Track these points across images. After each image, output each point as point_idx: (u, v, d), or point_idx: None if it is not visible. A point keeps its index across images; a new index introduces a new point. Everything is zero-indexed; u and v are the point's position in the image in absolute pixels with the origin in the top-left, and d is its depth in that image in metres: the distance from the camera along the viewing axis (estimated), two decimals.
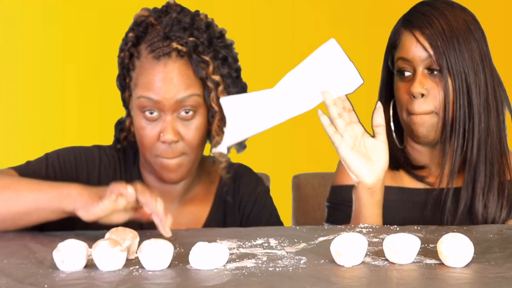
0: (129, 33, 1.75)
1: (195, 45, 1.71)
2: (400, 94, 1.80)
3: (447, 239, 1.29)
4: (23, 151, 3.47)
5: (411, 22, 1.80)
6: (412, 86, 1.76)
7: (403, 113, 1.80)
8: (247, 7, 3.57)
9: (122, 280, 1.23)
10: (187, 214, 1.83)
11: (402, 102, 1.80)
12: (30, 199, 1.57)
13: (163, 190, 1.79)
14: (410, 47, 1.78)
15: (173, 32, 1.71)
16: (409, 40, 1.79)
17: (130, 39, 1.74)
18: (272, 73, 3.54)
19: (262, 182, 1.93)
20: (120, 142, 1.84)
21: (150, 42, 1.71)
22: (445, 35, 1.76)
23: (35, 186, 1.58)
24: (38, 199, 1.56)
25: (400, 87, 1.80)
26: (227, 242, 1.46)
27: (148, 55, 1.70)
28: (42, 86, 3.55)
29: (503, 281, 1.20)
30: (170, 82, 1.68)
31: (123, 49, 1.75)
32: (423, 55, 1.76)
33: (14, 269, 1.31)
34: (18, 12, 3.54)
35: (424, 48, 1.76)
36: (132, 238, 1.38)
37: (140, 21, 1.75)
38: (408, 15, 1.83)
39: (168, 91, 1.68)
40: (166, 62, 1.69)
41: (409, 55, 1.78)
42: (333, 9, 3.58)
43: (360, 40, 3.49)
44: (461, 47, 1.75)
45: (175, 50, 1.70)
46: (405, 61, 1.79)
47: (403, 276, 1.24)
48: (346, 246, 1.29)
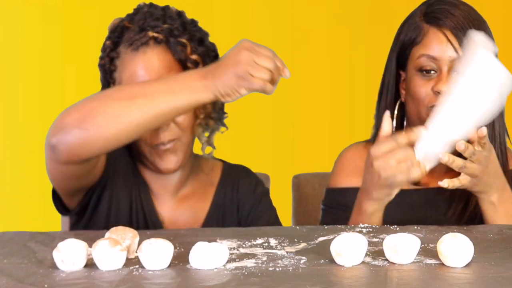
0: (106, 41, 1.80)
1: (170, 30, 1.76)
2: (421, 91, 1.74)
3: (447, 239, 1.29)
4: (23, 151, 3.48)
5: (438, 19, 1.76)
6: (440, 84, 1.71)
7: (422, 108, 1.75)
8: (247, 7, 3.57)
9: (122, 280, 1.23)
10: (185, 212, 1.83)
11: (422, 97, 1.75)
12: (167, 102, 1.56)
13: (159, 184, 1.80)
14: (439, 45, 1.74)
15: (147, 23, 1.75)
16: (438, 38, 1.75)
17: (108, 46, 1.79)
18: None
19: (261, 183, 1.93)
20: None
21: (127, 39, 1.75)
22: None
23: (164, 87, 1.57)
24: (176, 101, 1.56)
25: (421, 84, 1.75)
26: (227, 242, 1.46)
27: (127, 49, 1.74)
28: (42, 86, 3.54)
29: (503, 281, 1.20)
30: (152, 68, 1.73)
31: (102, 57, 1.80)
32: (452, 55, 1.73)
33: (14, 269, 1.31)
34: (18, 12, 3.53)
35: (454, 49, 1.73)
36: (132, 238, 1.38)
37: (114, 28, 1.79)
38: (431, 11, 1.78)
39: (151, 77, 1.71)
40: (145, 50, 1.73)
41: (436, 53, 1.74)
42: (333, 9, 3.58)
43: (360, 40, 3.49)
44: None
45: (152, 39, 1.74)
46: (431, 58, 1.74)
47: (403, 276, 1.24)
48: (346, 246, 1.29)
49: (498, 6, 3.49)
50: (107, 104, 1.56)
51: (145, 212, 1.80)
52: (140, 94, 1.56)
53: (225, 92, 1.55)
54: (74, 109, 1.58)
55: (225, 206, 1.86)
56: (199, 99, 1.56)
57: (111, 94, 1.61)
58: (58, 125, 1.58)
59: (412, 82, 1.77)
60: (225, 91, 1.55)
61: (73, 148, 1.56)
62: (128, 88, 1.63)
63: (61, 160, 1.60)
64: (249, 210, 1.87)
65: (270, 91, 1.56)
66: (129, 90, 1.60)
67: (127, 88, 1.62)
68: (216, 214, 1.85)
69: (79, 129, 1.55)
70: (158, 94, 1.56)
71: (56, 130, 1.57)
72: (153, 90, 1.57)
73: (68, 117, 1.57)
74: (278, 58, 1.57)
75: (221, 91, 1.55)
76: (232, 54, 1.55)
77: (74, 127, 1.55)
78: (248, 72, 1.52)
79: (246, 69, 1.52)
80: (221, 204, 1.86)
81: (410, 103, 1.79)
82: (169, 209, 1.83)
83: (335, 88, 3.53)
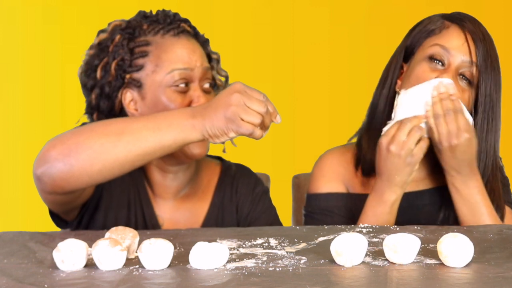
0: (115, 37, 1.79)
1: (192, 26, 1.82)
2: (425, 76, 1.75)
3: (447, 239, 1.29)
4: (23, 151, 3.48)
5: (462, 21, 1.78)
6: (446, 74, 1.73)
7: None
8: (247, 7, 3.57)
9: (122, 280, 1.23)
10: (185, 212, 1.83)
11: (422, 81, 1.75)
12: (153, 140, 1.55)
13: (162, 186, 1.80)
14: (457, 40, 1.76)
15: (170, 19, 1.80)
16: (458, 34, 1.77)
17: (120, 41, 1.78)
18: (272, 73, 3.57)
19: (261, 183, 1.93)
20: None
21: (157, 29, 1.77)
22: (490, 58, 1.75)
23: (151, 125, 1.56)
24: (162, 139, 1.55)
25: (427, 70, 1.76)
26: (227, 242, 1.46)
27: (164, 36, 1.77)
28: (42, 86, 3.54)
29: (503, 281, 1.20)
30: (196, 52, 1.77)
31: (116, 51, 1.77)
32: (465, 57, 1.75)
33: (14, 269, 1.31)
34: (18, 12, 3.53)
35: (469, 52, 1.75)
36: (132, 238, 1.38)
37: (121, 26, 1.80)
38: (455, 14, 1.81)
39: (198, 59, 1.75)
40: (186, 37, 1.78)
41: (452, 45, 1.76)
42: (333, 9, 3.58)
43: (360, 40, 3.49)
44: (497, 77, 1.77)
45: (185, 30, 1.79)
46: (445, 49, 1.76)
47: (403, 276, 1.24)
48: (346, 246, 1.29)
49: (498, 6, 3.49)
50: (92, 139, 1.55)
51: (145, 215, 1.80)
52: (127, 131, 1.55)
53: (213, 133, 1.54)
54: (59, 142, 1.57)
55: (224, 207, 1.86)
56: (185, 138, 1.55)
57: (97, 129, 1.58)
58: (42, 157, 1.57)
59: (418, 67, 1.78)
60: (213, 132, 1.54)
61: (57, 181, 1.56)
62: (114, 123, 1.60)
63: (46, 191, 1.61)
64: (248, 210, 1.87)
65: (259, 136, 1.55)
66: (116, 125, 1.58)
67: (113, 123, 1.59)
68: (215, 215, 1.84)
69: (64, 163, 1.54)
70: (144, 131, 1.55)
71: (41, 162, 1.57)
72: (140, 127, 1.56)
73: (53, 150, 1.56)
74: (270, 103, 1.57)
75: (209, 132, 1.54)
76: (224, 96, 1.54)
77: (59, 161, 1.54)
78: (238, 115, 1.52)
79: (236, 112, 1.52)
80: (220, 205, 1.86)
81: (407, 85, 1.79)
82: (168, 211, 1.82)
83: (335, 88, 3.54)
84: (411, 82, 1.78)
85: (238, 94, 1.53)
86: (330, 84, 3.54)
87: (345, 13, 3.58)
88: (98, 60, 1.80)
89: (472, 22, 1.79)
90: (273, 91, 1.91)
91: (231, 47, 3.35)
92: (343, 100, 3.49)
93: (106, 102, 1.79)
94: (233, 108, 1.52)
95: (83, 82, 1.83)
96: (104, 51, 1.79)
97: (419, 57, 1.79)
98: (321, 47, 3.58)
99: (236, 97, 1.52)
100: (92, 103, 1.81)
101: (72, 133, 1.58)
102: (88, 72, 1.81)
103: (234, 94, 1.53)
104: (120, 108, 1.80)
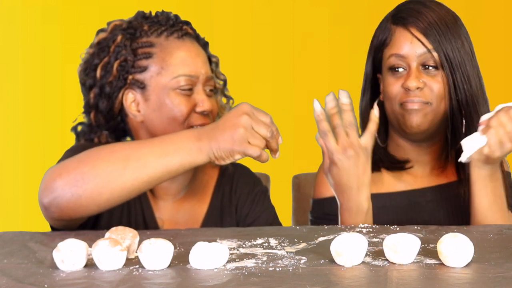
0: (116, 37, 1.78)
1: (194, 29, 1.83)
2: (393, 89, 1.79)
3: (447, 239, 1.29)
4: (23, 151, 3.48)
5: (404, 19, 1.81)
6: (408, 81, 1.76)
7: (394, 106, 1.80)
8: (247, 7, 3.57)
9: (122, 280, 1.23)
10: (184, 213, 1.83)
11: (394, 95, 1.79)
12: (160, 166, 1.55)
13: (160, 187, 1.80)
14: (405, 43, 1.79)
15: (172, 21, 1.80)
16: (404, 36, 1.79)
17: (123, 41, 1.77)
18: (272, 73, 3.57)
19: (260, 182, 1.93)
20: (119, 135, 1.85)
21: (161, 31, 1.78)
22: (440, 29, 1.78)
23: (157, 150, 1.56)
24: (169, 164, 1.55)
25: (392, 82, 1.80)
26: (227, 242, 1.46)
27: (168, 38, 1.78)
28: (42, 86, 3.54)
29: (503, 281, 1.20)
30: (200, 55, 1.79)
31: (118, 51, 1.77)
32: (419, 50, 1.78)
33: (14, 269, 1.31)
34: (18, 12, 3.53)
35: (421, 44, 1.77)
36: (132, 238, 1.38)
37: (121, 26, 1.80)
38: (398, 12, 1.84)
39: (203, 66, 1.77)
40: (190, 39, 1.80)
41: (403, 51, 1.79)
42: (333, 9, 3.58)
43: (360, 40, 3.48)
44: (456, 39, 1.78)
45: (188, 33, 1.80)
46: (399, 57, 1.79)
47: (403, 276, 1.24)
48: (346, 246, 1.29)
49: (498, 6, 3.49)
50: (99, 168, 1.54)
51: (145, 217, 1.80)
52: (133, 157, 1.55)
53: (219, 156, 1.55)
54: (64, 171, 1.56)
55: (223, 207, 1.86)
56: (192, 162, 1.55)
57: (103, 156, 1.56)
58: (49, 186, 1.56)
59: (385, 81, 1.83)
60: (219, 155, 1.54)
61: (65, 210, 1.56)
62: (120, 149, 1.58)
63: (53, 218, 1.61)
64: (247, 210, 1.87)
65: (265, 159, 1.56)
66: (122, 152, 1.57)
67: (119, 150, 1.58)
68: (214, 215, 1.84)
69: (71, 194, 1.54)
70: (150, 157, 1.55)
71: (47, 192, 1.56)
72: (146, 152, 1.56)
73: (59, 179, 1.55)
74: (274, 125, 1.57)
75: (215, 154, 1.54)
76: (232, 117, 1.54)
77: (66, 191, 1.54)
78: (245, 138, 1.52)
79: (243, 135, 1.52)
80: (219, 205, 1.86)
81: (386, 102, 1.84)
82: (167, 212, 1.82)
83: (335, 89, 3.53)
84: (386, 96, 1.83)
85: (246, 116, 1.53)
86: (330, 84, 3.54)
87: (345, 13, 3.58)
88: (98, 59, 1.80)
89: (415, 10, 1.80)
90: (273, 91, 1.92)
91: (231, 47, 3.35)
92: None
93: (105, 102, 1.79)
94: (241, 130, 1.52)
95: (82, 81, 1.83)
96: (104, 51, 1.79)
97: (384, 70, 1.83)
98: (321, 47, 3.58)
99: (244, 119, 1.53)
100: (91, 102, 1.81)
101: (78, 161, 1.57)
102: (87, 71, 1.81)
103: (242, 116, 1.53)
104: (119, 108, 1.80)
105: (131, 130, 1.81)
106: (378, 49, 1.85)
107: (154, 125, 1.76)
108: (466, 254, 1.28)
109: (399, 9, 1.85)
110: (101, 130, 1.82)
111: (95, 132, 1.82)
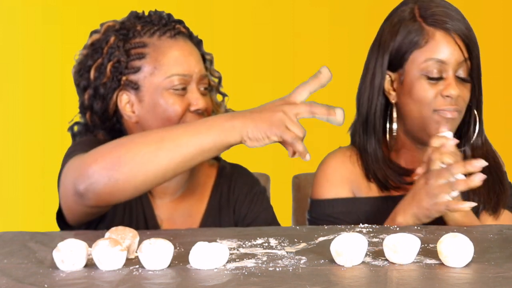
0: (109, 39, 1.79)
1: (187, 28, 1.83)
2: (427, 94, 1.75)
3: (447, 239, 1.29)
4: (23, 151, 3.47)
5: (444, 22, 1.75)
6: (451, 88, 1.73)
7: (426, 111, 1.76)
8: (247, 7, 3.57)
9: (122, 280, 1.23)
10: (182, 213, 1.83)
11: (428, 100, 1.75)
12: (193, 145, 1.54)
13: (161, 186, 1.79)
14: (447, 48, 1.75)
15: (165, 20, 1.80)
16: (447, 41, 1.75)
17: (116, 42, 1.77)
18: (272, 73, 3.57)
19: (258, 183, 1.93)
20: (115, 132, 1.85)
21: (153, 31, 1.78)
22: (473, 38, 1.76)
23: (191, 129, 1.55)
24: (202, 142, 1.54)
25: (428, 88, 1.75)
26: (227, 242, 1.46)
27: (161, 37, 1.78)
28: (42, 86, 3.54)
29: (503, 281, 1.20)
30: (193, 54, 1.79)
31: (111, 53, 1.77)
32: (459, 58, 1.74)
33: (14, 269, 1.31)
34: (18, 12, 3.53)
35: (461, 51, 1.74)
36: (132, 238, 1.38)
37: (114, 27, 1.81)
38: (433, 14, 1.77)
39: (196, 65, 1.77)
40: (183, 38, 1.79)
41: (444, 56, 1.74)
42: (333, 9, 3.58)
43: (360, 40, 3.48)
44: (479, 51, 1.78)
45: (181, 32, 1.80)
46: (439, 62, 1.74)
47: (403, 276, 1.24)
48: (346, 246, 1.29)
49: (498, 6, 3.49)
50: (133, 150, 1.54)
51: (146, 216, 1.80)
52: (167, 138, 1.54)
53: (253, 136, 1.52)
54: (100, 155, 1.55)
55: (221, 207, 1.86)
56: (224, 140, 1.53)
57: (137, 140, 1.57)
58: (84, 172, 1.55)
59: (417, 85, 1.77)
60: (254, 135, 1.52)
61: (103, 196, 1.55)
62: (154, 133, 1.58)
63: (88, 205, 1.60)
64: (246, 210, 1.86)
65: (302, 150, 1.53)
66: (156, 134, 1.57)
67: (153, 133, 1.58)
68: (212, 215, 1.84)
69: (108, 178, 1.53)
70: (184, 137, 1.54)
71: (83, 178, 1.55)
72: (180, 132, 1.55)
73: (95, 165, 1.54)
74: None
75: (249, 134, 1.52)
76: (272, 104, 1.54)
77: (103, 176, 1.53)
78: (284, 122, 1.51)
79: (283, 118, 1.51)
80: (217, 205, 1.86)
81: (411, 105, 1.78)
82: (165, 211, 1.83)
83: (335, 89, 3.53)
84: (413, 99, 1.77)
85: (288, 106, 1.53)
86: (330, 83, 3.54)
87: (345, 13, 3.58)
88: (91, 60, 1.79)
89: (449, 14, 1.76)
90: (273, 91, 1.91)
91: (231, 47, 3.35)
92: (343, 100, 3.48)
93: (99, 103, 1.79)
94: (281, 114, 1.51)
95: (76, 82, 1.83)
96: (97, 52, 1.79)
97: (413, 72, 1.77)
98: (321, 47, 3.58)
99: (286, 107, 1.52)
100: (85, 103, 1.81)
101: (112, 146, 1.57)
102: (81, 72, 1.81)
103: (284, 105, 1.53)
104: (114, 109, 1.80)
105: (127, 130, 1.81)
106: (404, 49, 1.78)
107: (149, 125, 1.76)
108: (466, 254, 1.28)
109: (427, 10, 1.77)
110: (97, 130, 1.82)
111: (91, 132, 1.82)
